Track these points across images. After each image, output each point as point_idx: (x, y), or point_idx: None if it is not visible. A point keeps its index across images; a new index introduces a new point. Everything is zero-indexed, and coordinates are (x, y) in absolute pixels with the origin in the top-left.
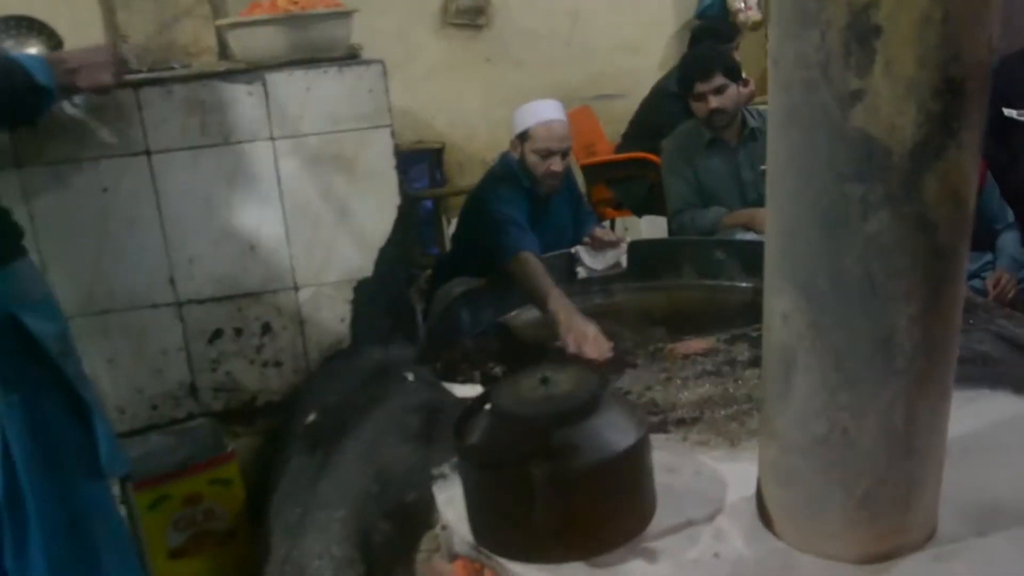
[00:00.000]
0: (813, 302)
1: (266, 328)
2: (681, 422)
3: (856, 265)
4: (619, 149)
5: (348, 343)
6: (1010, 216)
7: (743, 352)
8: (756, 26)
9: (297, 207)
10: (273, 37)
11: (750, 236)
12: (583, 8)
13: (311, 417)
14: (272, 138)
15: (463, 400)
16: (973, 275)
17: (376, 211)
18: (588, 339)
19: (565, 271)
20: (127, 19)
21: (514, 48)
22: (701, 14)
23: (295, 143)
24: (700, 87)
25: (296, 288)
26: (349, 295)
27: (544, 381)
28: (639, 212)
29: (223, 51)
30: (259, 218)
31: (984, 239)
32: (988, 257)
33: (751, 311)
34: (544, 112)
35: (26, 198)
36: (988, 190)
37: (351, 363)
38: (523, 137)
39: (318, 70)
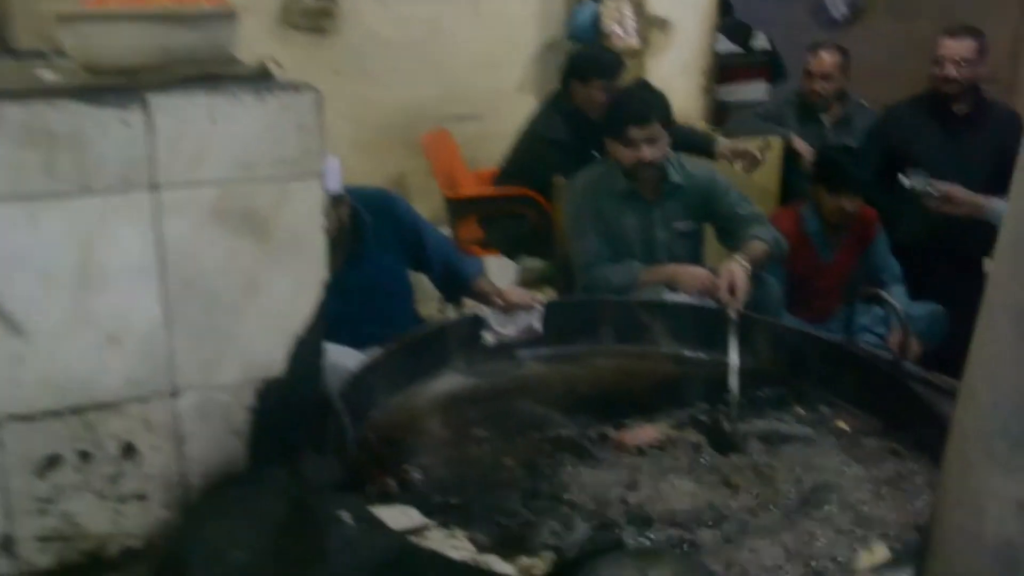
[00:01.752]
0: None
1: (128, 450)
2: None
3: None
4: (496, 183)
5: (243, 464)
6: (896, 268)
7: (699, 440)
8: (632, 54)
9: (185, 282)
10: (139, 38)
11: (680, 297)
12: (441, 18)
13: None
14: (155, 187)
15: (414, 544)
16: (866, 329)
17: (295, 288)
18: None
19: (468, 338)
20: None
21: (364, 58)
22: (572, 36)
23: (188, 195)
24: (634, 133)
25: (176, 393)
26: (250, 400)
27: None
28: (511, 254)
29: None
30: (127, 298)
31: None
32: (879, 311)
33: (688, 385)
34: None
35: None
36: (878, 241)
37: (253, 494)
38: None
39: (228, 95)
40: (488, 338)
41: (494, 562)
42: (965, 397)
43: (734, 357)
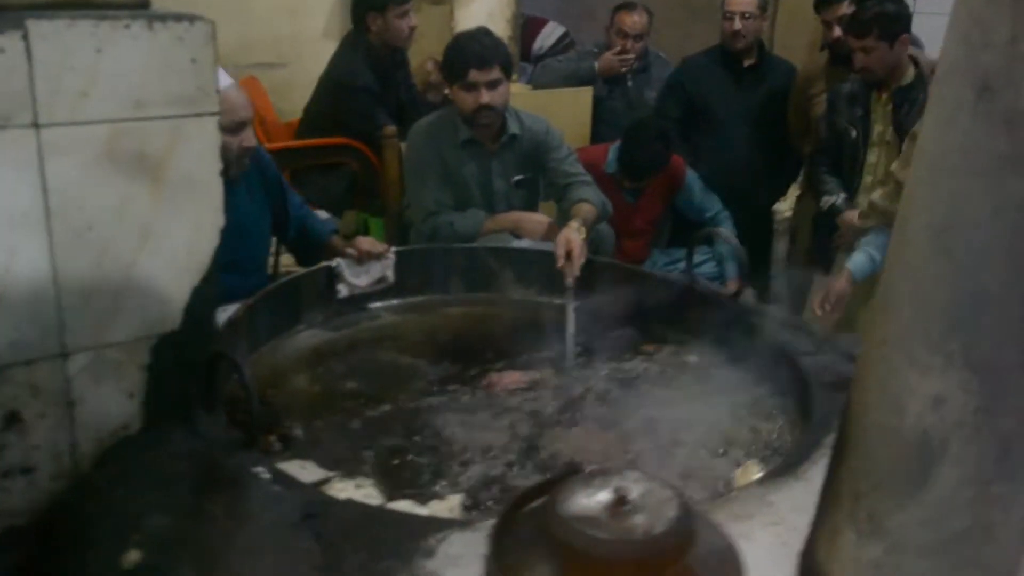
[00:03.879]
0: (988, 384)
1: (12, 418)
2: None
3: None
4: (298, 135)
5: (138, 427)
6: (719, 203)
7: (566, 379)
8: (441, 1)
9: (73, 231)
10: None
11: (524, 243)
12: None
13: (132, 555)
14: (36, 124)
15: (333, 496)
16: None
17: (192, 235)
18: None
19: (322, 290)
20: None
21: None
22: None
23: (73, 133)
24: (475, 76)
25: (65, 354)
26: (145, 358)
27: (622, 502)
28: (335, 209)
29: None
30: (8, 250)
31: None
32: (705, 249)
33: (540, 328)
34: None
35: None
36: (689, 185)
37: (156, 456)
38: None
39: (116, 23)
40: (342, 290)
41: (409, 507)
42: (885, 309)
43: (571, 326)
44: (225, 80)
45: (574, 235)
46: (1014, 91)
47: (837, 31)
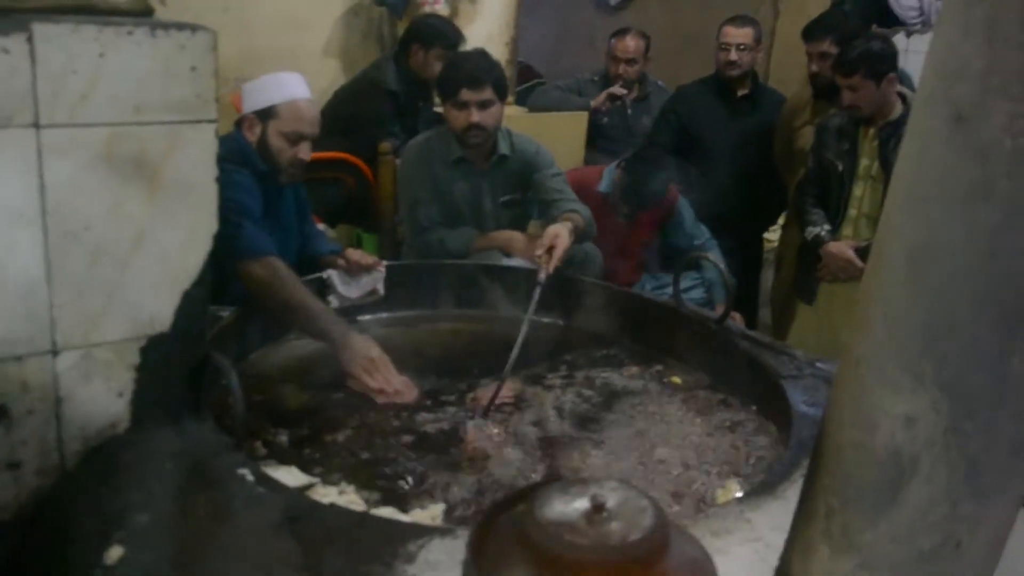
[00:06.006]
0: (958, 405)
1: (0, 413)
2: None
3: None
4: None
5: (125, 426)
6: (707, 233)
7: (552, 396)
8: None
9: (68, 232)
10: None
11: (515, 262)
12: None
13: (114, 552)
14: (37, 125)
15: (317, 500)
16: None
17: (185, 239)
18: (376, 365)
19: None
20: None
21: (158, 8)
22: (380, 0)
23: (73, 135)
24: (467, 95)
25: (55, 351)
26: (135, 358)
27: (600, 510)
28: (331, 221)
29: None
30: (4, 246)
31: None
32: (694, 275)
33: (527, 345)
34: (294, 88)
35: None
36: (680, 212)
37: (141, 456)
38: (266, 115)
39: (119, 30)
40: (333, 301)
41: (391, 514)
42: (861, 329)
43: (531, 310)
44: (304, 92)
45: (563, 230)
46: (987, 122)
47: (815, 66)
